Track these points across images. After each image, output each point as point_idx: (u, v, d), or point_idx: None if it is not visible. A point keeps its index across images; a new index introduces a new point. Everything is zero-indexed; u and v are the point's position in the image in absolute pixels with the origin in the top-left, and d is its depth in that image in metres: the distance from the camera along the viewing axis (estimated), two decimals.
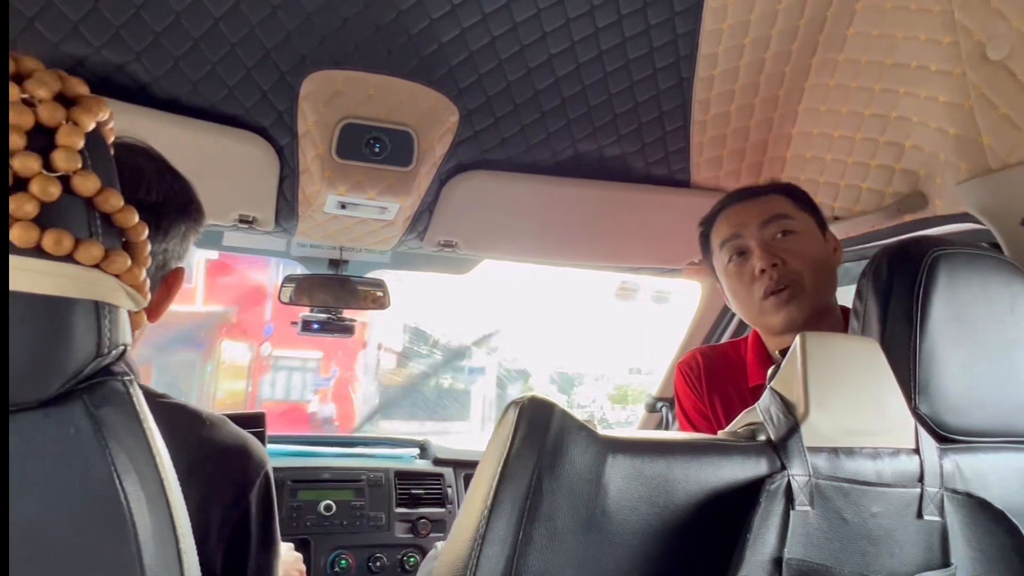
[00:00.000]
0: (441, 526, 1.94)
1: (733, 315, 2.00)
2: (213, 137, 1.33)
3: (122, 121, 0.97)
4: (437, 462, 2.10)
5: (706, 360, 1.38)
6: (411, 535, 1.92)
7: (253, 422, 1.53)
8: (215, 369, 10.67)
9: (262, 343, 10.62)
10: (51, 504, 0.51)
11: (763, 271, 1.17)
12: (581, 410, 2.33)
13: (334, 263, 1.87)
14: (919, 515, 0.74)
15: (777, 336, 1.23)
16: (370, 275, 1.92)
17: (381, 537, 1.89)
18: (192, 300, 10.31)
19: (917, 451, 0.76)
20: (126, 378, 0.55)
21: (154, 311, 0.85)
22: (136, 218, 0.56)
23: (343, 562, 1.83)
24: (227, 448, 0.79)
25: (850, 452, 0.73)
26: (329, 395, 10.83)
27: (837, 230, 1.46)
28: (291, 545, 1.27)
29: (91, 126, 0.54)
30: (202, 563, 0.64)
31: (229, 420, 0.82)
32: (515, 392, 11.06)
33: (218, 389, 10.59)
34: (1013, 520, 0.77)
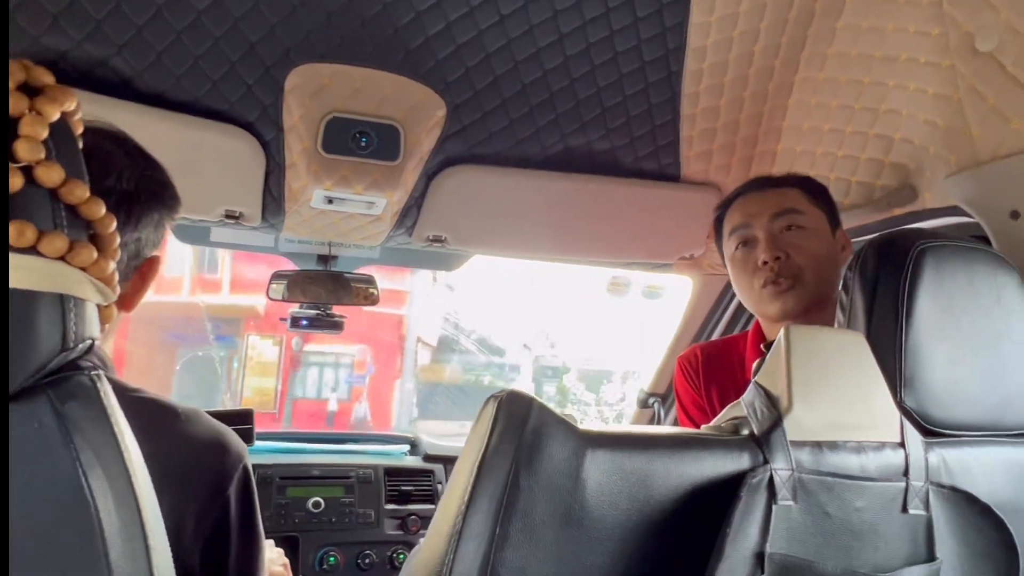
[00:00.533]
0: (431, 523, 1.93)
1: (725, 310, 2.00)
2: (198, 131, 1.32)
3: (105, 115, 0.96)
4: (427, 458, 2.10)
5: (705, 355, 1.40)
6: (400, 532, 1.91)
7: (241, 419, 1.53)
8: (242, 365, 10.15)
9: (292, 337, 10.04)
10: (16, 500, 0.50)
11: (765, 263, 1.18)
12: (609, 408, 2.32)
13: (323, 259, 1.86)
14: (904, 509, 0.73)
15: (775, 324, 1.24)
16: (360, 271, 1.90)
17: (370, 534, 1.88)
18: (218, 291, 9.86)
19: (902, 445, 0.76)
20: (93, 372, 0.54)
21: (128, 301, 0.83)
22: (103, 209, 0.55)
23: (332, 559, 1.82)
24: (203, 442, 0.78)
25: (834, 446, 0.73)
26: (364, 393, 10.28)
27: None
28: (271, 542, 1.26)
29: (55, 116, 0.53)
30: (179, 560, 0.63)
31: (205, 414, 0.81)
32: (551, 390, 10.89)
33: (245, 387, 10.11)
34: (999, 514, 0.76)
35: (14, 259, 0.49)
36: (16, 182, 0.49)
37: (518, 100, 1.40)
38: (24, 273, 0.49)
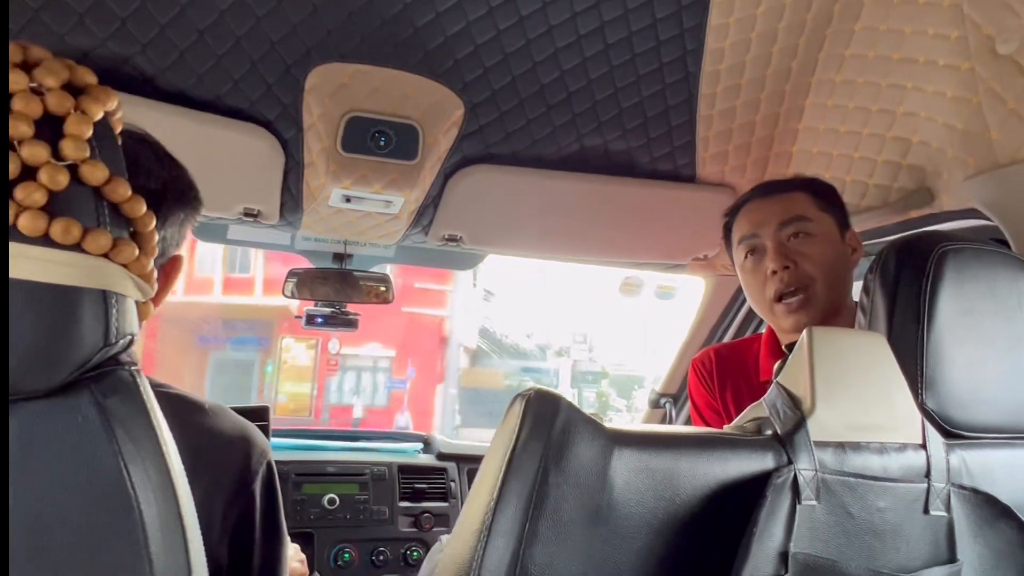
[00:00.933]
0: (444, 520, 1.95)
1: (738, 311, 2.00)
2: (218, 130, 1.33)
3: (128, 113, 0.96)
4: (441, 456, 2.11)
5: (719, 357, 1.41)
6: (414, 529, 1.92)
7: (258, 415, 1.54)
8: (276, 369, 9.69)
9: (329, 340, 9.67)
10: (58, 494, 0.51)
11: (775, 272, 1.18)
12: (641, 414, 2.32)
13: (338, 257, 1.87)
14: (925, 510, 0.74)
15: (789, 334, 1.25)
16: (374, 269, 1.92)
17: (384, 531, 1.89)
18: (250, 291, 9.56)
19: (924, 446, 0.76)
20: (133, 367, 0.55)
21: (154, 300, 0.84)
22: (144, 207, 0.56)
23: (346, 555, 1.83)
24: (229, 438, 0.79)
25: (856, 447, 0.73)
26: (405, 401, 9.77)
27: None
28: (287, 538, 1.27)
29: (99, 115, 0.54)
30: (208, 555, 0.64)
31: (231, 409, 0.82)
32: (590, 396, 10.63)
33: (279, 392, 9.65)
34: (1020, 516, 0.77)
35: (60, 256, 0.50)
36: (63, 180, 0.50)
37: (535, 100, 1.40)
38: (70, 269, 0.50)
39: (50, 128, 0.51)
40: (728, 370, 1.38)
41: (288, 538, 0.90)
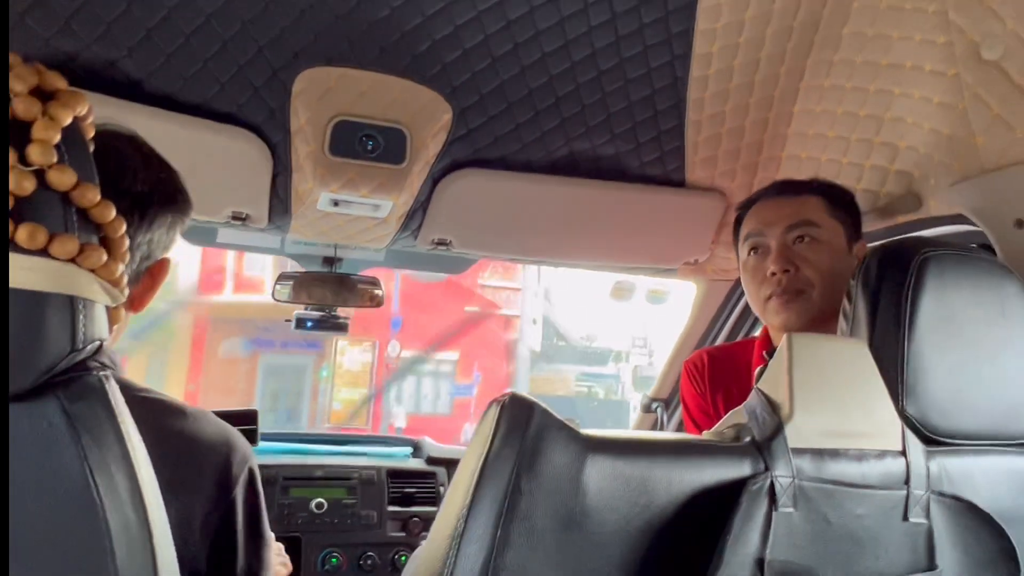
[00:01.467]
0: (432, 525, 1.94)
1: (729, 315, 2.00)
2: (206, 134, 1.33)
3: (114, 117, 0.96)
4: (430, 461, 2.10)
5: (711, 359, 1.40)
6: (403, 534, 1.92)
7: (245, 419, 1.54)
8: (331, 374, 9.00)
9: (388, 341, 8.96)
10: (24, 499, 0.51)
11: (774, 274, 1.18)
12: None
13: (328, 261, 1.87)
14: (905, 517, 0.74)
15: (782, 333, 1.24)
16: (364, 272, 1.91)
17: (373, 535, 1.89)
18: None
19: (903, 453, 0.76)
20: (102, 373, 0.55)
21: (138, 302, 0.84)
22: (113, 213, 0.56)
23: (334, 560, 1.83)
24: (210, 443, 0.78)
25: (835, 454, 0.73)
26: (472, 409, 8.97)
27: None
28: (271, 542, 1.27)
29: (68, 120, 0.53)
30: (186, 561, 0.64)
31: (212, 414, 0.81)
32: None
33: (334, 398, 8.98)
34: (1000, 523, 0.76)
35: (26, 261, 0.50)
36: (28, 185, 0.50)
37: (524, 105, 1.40)
38: (35, 275, 0.50)
39: (17, 133, 0.51)
40: (720, 373, 1.38)
41: (272, 540, 0.89)
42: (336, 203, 1.46)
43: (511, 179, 1.52)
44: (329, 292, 1.87)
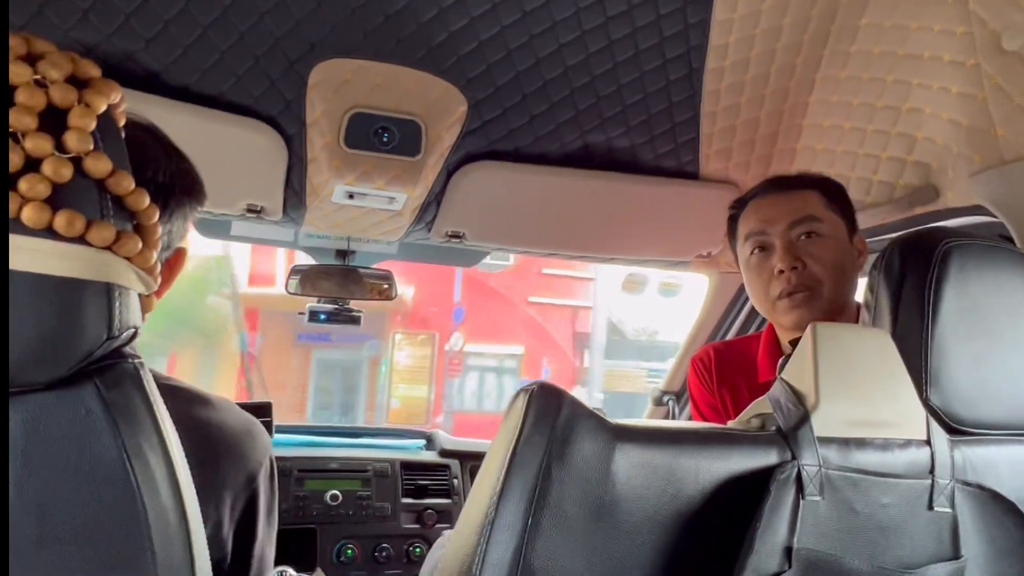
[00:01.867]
0: (447, 517, 1.94)
1: (741, 309, 2.00)
2: (222, 126, 1.33)
3: (131, 109, 0.95)
4: (443, 453, 2.11)
5: (718, 354, 1.40)
6: (417, 525, 1.92)
7: (260, 411, 1.54)
8: (389, 369, 8.57)
9: (450, 334, 8.46)
10: (62, 484, 0.51)
11: (782, 271, 1.17)
12: None
13: (341, 254, 1.87)
14: (930, 507, 0.74)
15: (789, 332, 1.24)
16: (377, 266, 1.91)
17: (387, 527, 1.89)
18: None
19: (928, 443, 0.76)
20: (137, 360, 0.55)
21: (158, 292, 0.85)
22: (147, 200, 0.56)
23: (349, 551, 1.83)
24: (235, 432, 0.79)
25: (861, 443, 0.73)
26: None
27: None
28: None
29: (103, 108, 0.54)
30: (216, 547, 0.64)
31: (235, 404, 0.82)
32: None
33: (392, 395, 8.50)
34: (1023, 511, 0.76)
35: (63, 248, 0.50)
36: (66, 172, 0.50)
37: (539, 97, 1.40)
38: (73, 262, 0.50)
39: (54, 121, 0.51)
40: (727, 368, 1.38)
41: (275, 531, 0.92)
42: (351, 195, 1.46)
43: (525, 171, 1.52)
44: (341, 285, 1.87)
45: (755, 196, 1.28)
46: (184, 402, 0.74)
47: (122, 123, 0.58)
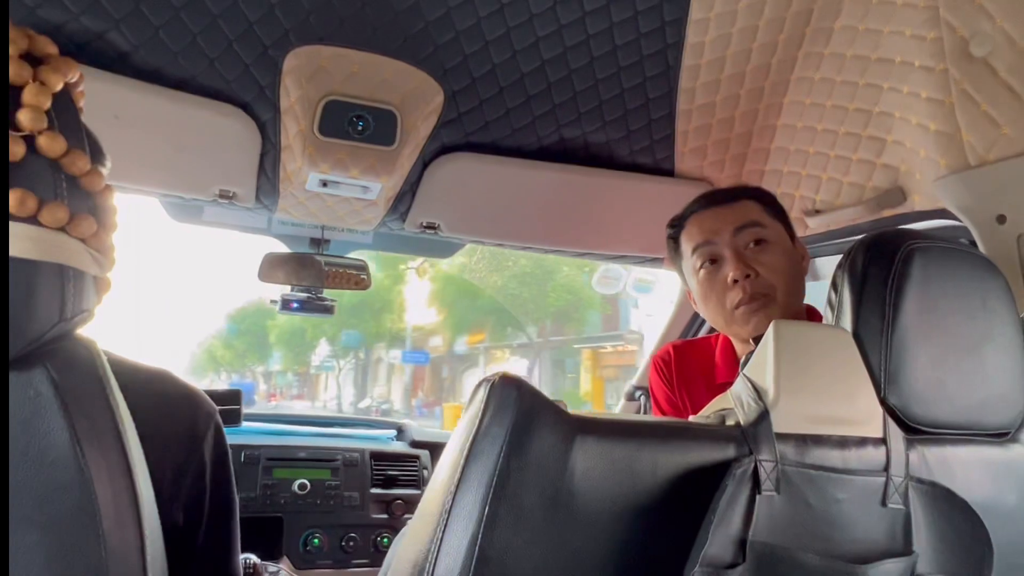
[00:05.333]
0: (415, 507, 1.93)
1: None
2: (194, 109, 1.31)
3: (101, 90, 0.94)
4: (414, 444, 2.10)
5: (679, 353, 1.41)
6: (385, 516, 1.92)
7: (229, 399, 1.53)
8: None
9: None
10: (12, 467, 0.50)
11: (736, 281, 1.16)
12: None
13: (315, 242, 1.86)
14: (883, 503, 0.75)
15: (746, 344, 1.23)
16: (351, 255, 1.90)
17: (355, 517, 1.89)
18: None
19: (884, 441, 0.77)
20: (90, 343, 0.54)
21: None
22: (103, 182, 0.55)
23: (316, 541, 1.83)
24: (175, 400, 0.75)
25: (818, 440, 0.74)
26: None
27: (818, 223, 1.47)
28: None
29: (59, 86, 0.53)
30: (164, 516, 0.63)
31: (174, 374, 0.80)
32: None
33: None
34: (976, 511, 0.78)
35: (15, 228, 0.49)
36: (18, 151, 0.49)
37: (515, 89, 1.40)
38: (25, 242, 0.49)
39: (7, 98, 0.50)
40: (687, 366, 1.38)
41: (236, 501, 0.88)
42: (325, 183, 1.45)
43: (501, 164, 1.52)
44: (314, 274, 1.86)
45: (693, 212, 1.26)
46: (122, 374, 0.71)
47: (81, 103, 0.57)
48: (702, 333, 2.00)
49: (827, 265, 1.73)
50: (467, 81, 1.37)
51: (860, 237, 0.92)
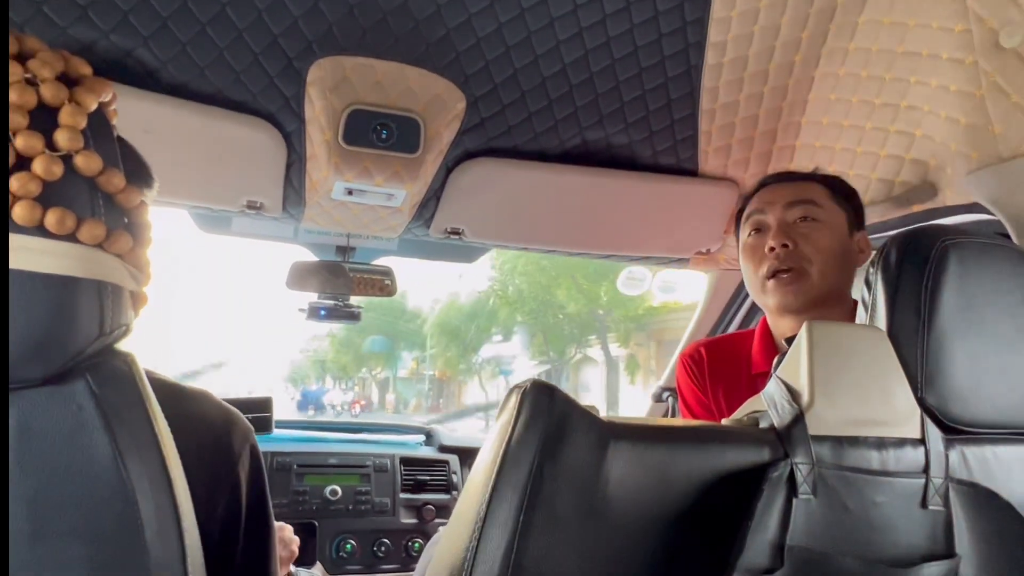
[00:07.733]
0: (445, 512, 1.95)
1: (740, 306, 2.00)
2: (221, 122, 1.33)
3: (130, 106, 0.95)
4: (442, 449, 2.11)
5: (709, 352, 1.38)
6: (416, 520, 1.93)
7: (260, 406, 1.55)
8: None
9: None
10: (54, 482, 0.51)
11: (772, 248, 1.18)
12: None
13: (341, 250, 1.87)
14: (923, 505, 0.73)
15: (778, 317, 1.25)
16: (377, 262, 1.91)
17: (386, 522, 1.90)
18: None
19: (923, 441, 0.76)
20: (129, 357, 0.55)
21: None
22: (139, 198, 0.56)
23: (348, 546, 1.84)
24: (211, 421, 0.76)
25: (855, 442, 0.73)
26: None
27: None
28: (284, 524, 1.26)
29: (93, 106, 0.54)
30: (205, 540, 0.64)
31: (212, 394, 0.80)
32: None
33: None
34: (1019, 511, 0.76)
35: (54, 246, 0.50)
36: (57, 170, 0.50)
37: (537, 93, 1.40)
38: (65, 260, 0.50)
39: (45, 119, 0.51)
40: (719, 364, 1.36)
41: (274, 524, 0.89)
42: (350, 192, 1.46)
43: (524, 168, 1.52)
44: (340, 281, 1.87)
45: (763, 185, 1.30)
46: (161, 394, 0.73)
47: (114, 121, 0.58)
48: (731, 330, 1.99)
49: None
50: (489, 86, 1.37)
51: (892, 233, 0.91)
